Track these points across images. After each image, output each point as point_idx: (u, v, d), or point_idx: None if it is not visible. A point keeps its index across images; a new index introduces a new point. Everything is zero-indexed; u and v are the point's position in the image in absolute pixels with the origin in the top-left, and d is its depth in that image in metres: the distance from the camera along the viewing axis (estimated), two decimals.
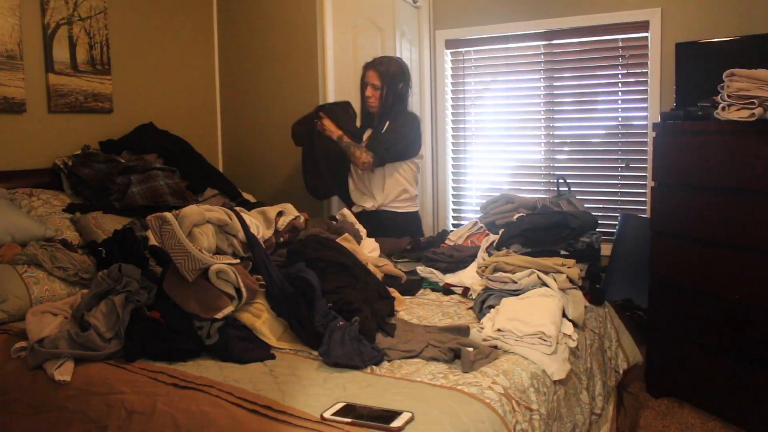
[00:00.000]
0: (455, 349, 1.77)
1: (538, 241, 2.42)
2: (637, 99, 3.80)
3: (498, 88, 4.26)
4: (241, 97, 4.06)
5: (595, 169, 3.96)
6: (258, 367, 1.75)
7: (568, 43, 3.96)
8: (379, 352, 1.78)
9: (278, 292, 1.97)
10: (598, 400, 2.19)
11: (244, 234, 2.12)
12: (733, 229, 2.67)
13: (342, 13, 3.75)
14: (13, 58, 2.94)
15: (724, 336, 2.74)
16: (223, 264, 1.93)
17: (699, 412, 2.90)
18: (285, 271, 2.08)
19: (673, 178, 2.94)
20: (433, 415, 1.43)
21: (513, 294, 2.11)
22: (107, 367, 1.77)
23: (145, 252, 2.35)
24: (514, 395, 1.62)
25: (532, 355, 1.82)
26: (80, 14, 3.23)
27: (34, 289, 2.28)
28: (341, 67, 3.77)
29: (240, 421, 1.44)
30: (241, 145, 4.07)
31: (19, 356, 1.88)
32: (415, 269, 2.67)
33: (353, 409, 1.45)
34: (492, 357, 1.77)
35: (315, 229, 2.65)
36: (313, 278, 2.00)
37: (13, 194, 2.75)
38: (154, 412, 1.55)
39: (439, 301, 2.38)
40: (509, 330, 1.87)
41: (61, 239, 2.59)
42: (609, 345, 2.42)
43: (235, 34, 4.03)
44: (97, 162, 3.03)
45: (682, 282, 2.92)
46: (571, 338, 1.96)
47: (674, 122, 2.93)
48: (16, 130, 3.01)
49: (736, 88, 2.53)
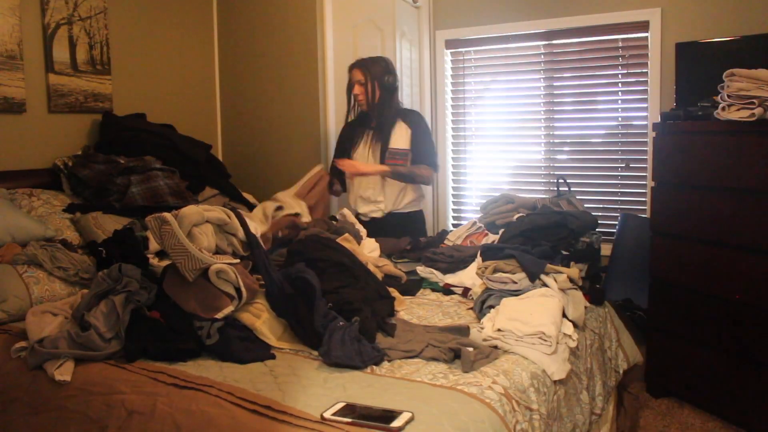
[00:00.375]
0: (455, 349, 1.77)
1: (537, 242, 2.42)
2: (637, 99, 3.80)
3: (498, 88, 4.26)
4: (241, 96, 4.06)
5: (595, 169, 3.96)
6: (258, 367, 1.75)
7: (568, 43, 3.96)
8: (379, 352, 1.78)
9: (278, 292, 1.97)
10: (598, 400, 2.19)
11: (244, 233, 2.11)
12: (733, 229, 2.67)
13: (342, 13, 3.75)
14: (13, 58, 2.94)
15: (724, 336, 2.74)
16: (223, 264, 1.93)
17: (699, 412, 2.90)
18: (285, 271, 2.08)
19: (673, 178, 2.94)
20: (433, 415, 1.43)
21: (513, 294, 2.11)
22: (107, 367, 1.77)
23: (146, 252, 2.35)
24: (514, 395, 1.62)
25: (532, 355, 1.82)
26: (80, 14, 3.23)
27: (34, 289, 2.28)
28: (341, 67, 3.76)
29: (240, 421, 1.44)
30: (242, 145, 4.07)
31: (19, 356, 1.88)
32: (415, 269, 2.67)
33: (353, 409, 1.45)
34: (492, 357, 1.77)
35: (315, 229, 2.65)
36: (313, 278, 2.00)
37: (13, 194, 2.75)
38: (154, 412, 1.55)
39: (439, 301, 2.38)
40: (509, 330, 1.87)
41: (61, 239, 2.59)
42: (609, 345, 2.42)
43: (235, 34, 4.03)
44: (96, 163, 3.03)
45: (682, 282, 2.92)
46: (571, 338, 1.96)
47: (674, 122, 2.93)
48: (16, 130, 3.01)
49: (736, 88, 2.53)
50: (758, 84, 2.47)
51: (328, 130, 3.76)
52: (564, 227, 2.43)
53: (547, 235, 2.43)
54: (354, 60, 3.31)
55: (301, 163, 3.81)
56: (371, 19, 3.89)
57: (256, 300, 1.99)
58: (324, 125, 3.75)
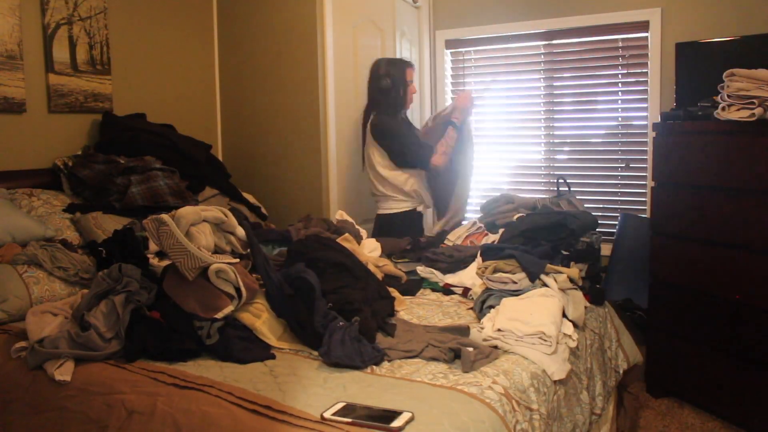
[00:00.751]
0: (455, 349, 1.77)
1: (537, 242, 2.42)
2: (637, 99, 3.81)
3: (498, 88, 4.26)
4: (241, 96, 4.06)
5: (595, 169, 3.97)
6: (258, 367, 1.75)
7: (568, 43, 3.96)
8: (379, 352, 1.78)
9: (277, 292, 1.97)
10: (598, 400, 2.19)
11: (244, 233, 2.11)
12: (733, 229, 2.67)
13: (342, 13, 3.75)
14: (13, 58, 2.94)
15: (725, 336, 2.74)
16: (223, 263, 1.93)
17: (699, 412, 2.90)
18: (285, 272, 2.08)
19: (673, 178, 2.94)
20: (434, 415, 1.43)
21: (513, 294, 2.11)
22: (107, 367, 1.77)
23: (146, 252, 2.35)
24: (515, 395, 1.62)
25: (532, 355, 1.82)
26: (80, 14, 3.23)
27: (34, 289, 2.28)
28: (341, 67, 3.77)
29: (240, 421, 1.44)
30: (242, 145, 4.07)
31: (19, 356, 1.88)
32: (415, 269, 2.67)
33: (353, 409, 1.45)
34: (492, 357, 1.77)
35: (315, 228, 2.65)
36: (312, 278, 2.00)
37: (13, 194, 2.75)
38: (155, 412, 1.55)
39: (440, 301, 2.38)
40: (509, 330, 1.87)
41: (61, 239, 2.59)
42: (609, 345, 2.42)
43: (235, 34, 4.03)
44: (96, 163, 3.03)
45: (682, 282, 2.92)
46: (571, 338, 1.96)
47: (674, 122, 2.93)
48: (16, 130, 3.01)
49: (736, 88, 2.53)
50: (758, 84, 2.47)
51: (328, 130, 3.76)
52: (564, 227, 2.43)
53: (547, 235, 2.43)
54: (355, 59, 3.37)
55: (301, 163, 3.82)
56: (371, 19, 3.89)
57: (256, 300, 1.99)
58: (324, 125, 3.74)
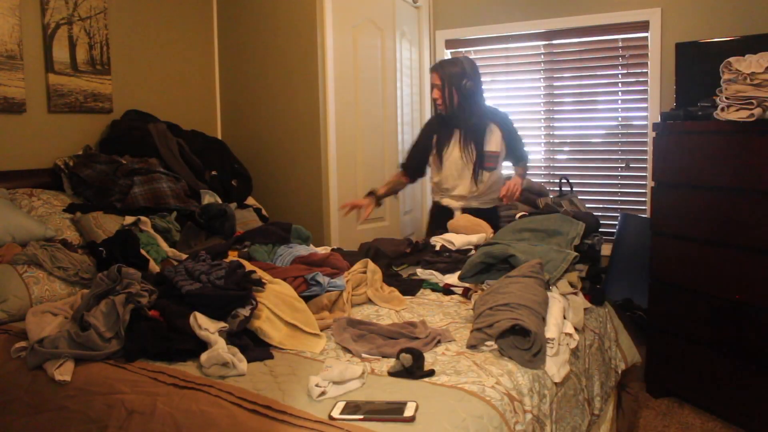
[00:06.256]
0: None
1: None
2: (637, 99, 3.81)
3: (498, 88, 4.26)
4: (241, 97, 4.06)
5: (596, 169, 3.97)
6: (258, 367, 1.75)
7: (568, 43, 3.96)
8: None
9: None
10: (597, 400, 2.19)
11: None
12: (733, 229, 2.67)
13: (342, 13, 3.75)
14: (13, 58, 2.94)
15: (724, 336, 2.74)
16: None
17: (699, 412, 2.90)
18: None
19: (673, 178, 2.94)
20: (433, 412, 1.43)
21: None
22: (107, 366, 1.77)
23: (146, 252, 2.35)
24: (515, 395, 1.62)
25: None
26: (80, 14, 3.23)
27: (34, 289, 2.28)
28: (341, 67, 3.77)
29: (240, 421, 1.44)
30: (242, 145, 4.07)
31: (19, 356, 1.88)
32: (415, 272, 2.67)
33: (358, 406, 1.44)
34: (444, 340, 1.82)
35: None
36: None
37: (13, 194, 2.75)
38: (154, 411, 1.55)
39: (440, 301, 2.38)
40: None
41: (62, 239, 2.59)
42: (609, 345, 2.42)
43: (235, 34, 4.03)
44: (98, 163, 3.03)
45: (682, 282, 2.92)
46: (572, 338, 1.96)
47: (674, 122, 2.93)
48: (16, 130, 3.01)
49: (734, 90, 2.53)
50: (755, 84, 2.47)
51: (328, 130, 3.76)
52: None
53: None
54: (355, 59, 3.31)
55: (301, 163, 3.82)
56: (371, 19, 3.89)
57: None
58: (324, 124, 3.75)
